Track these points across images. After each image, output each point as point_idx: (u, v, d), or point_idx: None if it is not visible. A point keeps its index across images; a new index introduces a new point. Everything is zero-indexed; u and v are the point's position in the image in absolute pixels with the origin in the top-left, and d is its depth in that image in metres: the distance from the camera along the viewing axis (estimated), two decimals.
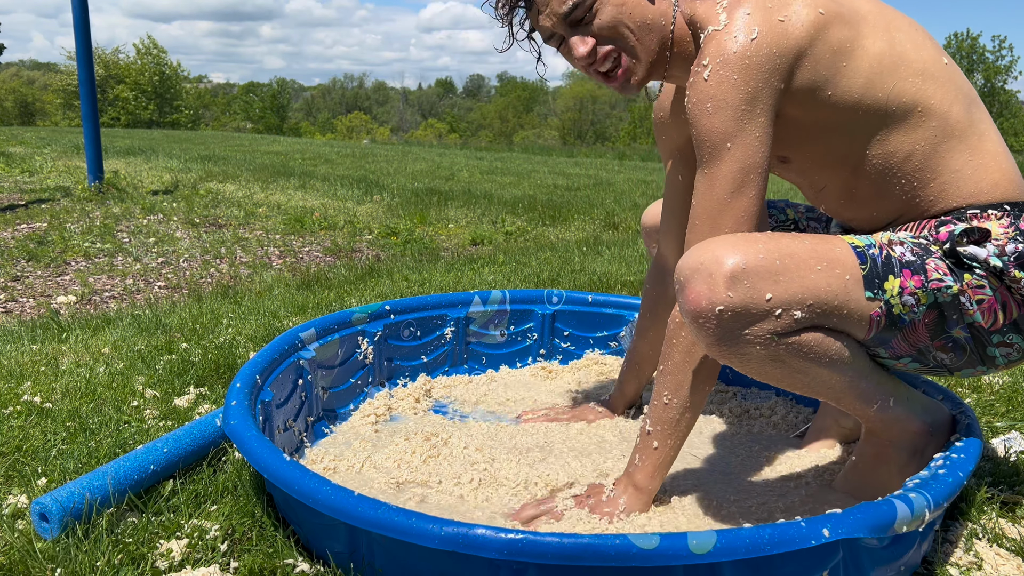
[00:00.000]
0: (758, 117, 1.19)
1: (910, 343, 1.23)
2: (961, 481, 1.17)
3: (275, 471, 1.17)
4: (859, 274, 1.18)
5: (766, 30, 1.18)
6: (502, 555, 0.98)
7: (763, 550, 0.98)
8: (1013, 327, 1.22)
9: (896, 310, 1.19)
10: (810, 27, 1.19)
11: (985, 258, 1.19)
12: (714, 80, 1.19)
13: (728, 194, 1.21)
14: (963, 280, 1.20)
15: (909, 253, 1.21)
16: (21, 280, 3.39)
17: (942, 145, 1.25)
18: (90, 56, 5.52)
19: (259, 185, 6.95)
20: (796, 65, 1.20)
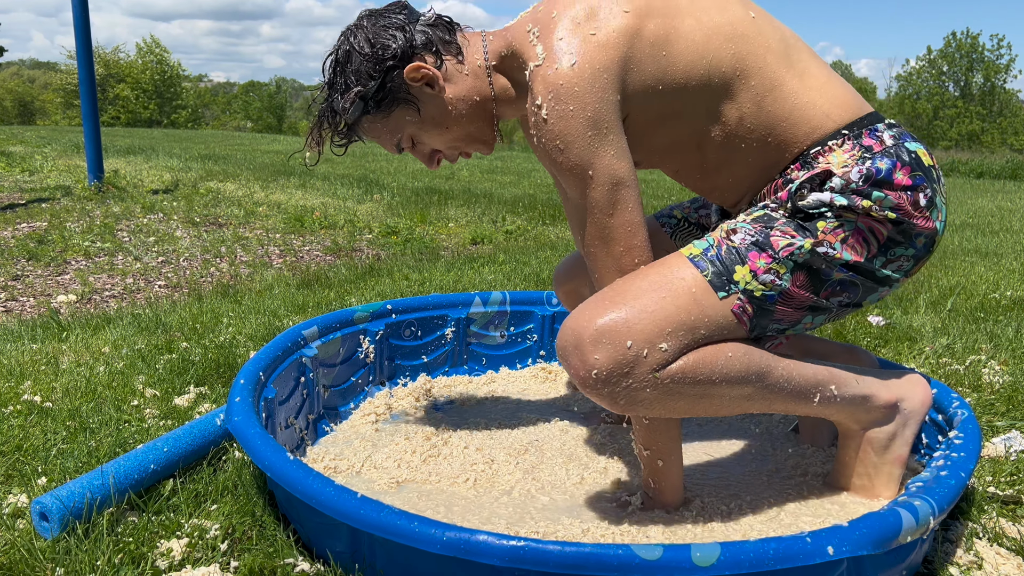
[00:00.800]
0: (607, 135, 1.20)
1: (795, 308, 1.24)
2: (964, 482, 1.17)
3: (278, 470, 1.17)
4: (703, 282, 1.20)
5: (583, 51, 1.19)
6: (504, 562, 0.98)
7: (767, 565, 0.98)
8: (891, 244, 1.24)
9: (759, 292, 1.21)
10: (623, 32, 1.21)
11: (830, 201, 1.21)
12: (553, 117, 1.20)
13: (608, 216, 1.22)
14: (817, 230, 1.22)
15: (749, 234, 1.23)
16: (21, 279, 3.39)
17: (767, 98, 1.26)
18: (90, 55, 5.52)
19: (259, 184, 6.94)
20: (624, 72, 1.21)
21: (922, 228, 1.25)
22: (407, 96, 1.35)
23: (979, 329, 2.58)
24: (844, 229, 1.22)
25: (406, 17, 1.36)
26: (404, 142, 1.42)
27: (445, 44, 1.36)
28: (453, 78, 1.36)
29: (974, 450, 1.27)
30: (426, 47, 1.34)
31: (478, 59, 1.37)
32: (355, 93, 1.33)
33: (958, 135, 36.91)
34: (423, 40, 1.34)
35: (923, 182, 1.24)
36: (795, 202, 1.23)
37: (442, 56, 1.35)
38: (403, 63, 1.33)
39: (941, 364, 2.23)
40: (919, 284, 3.32)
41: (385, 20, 1.35)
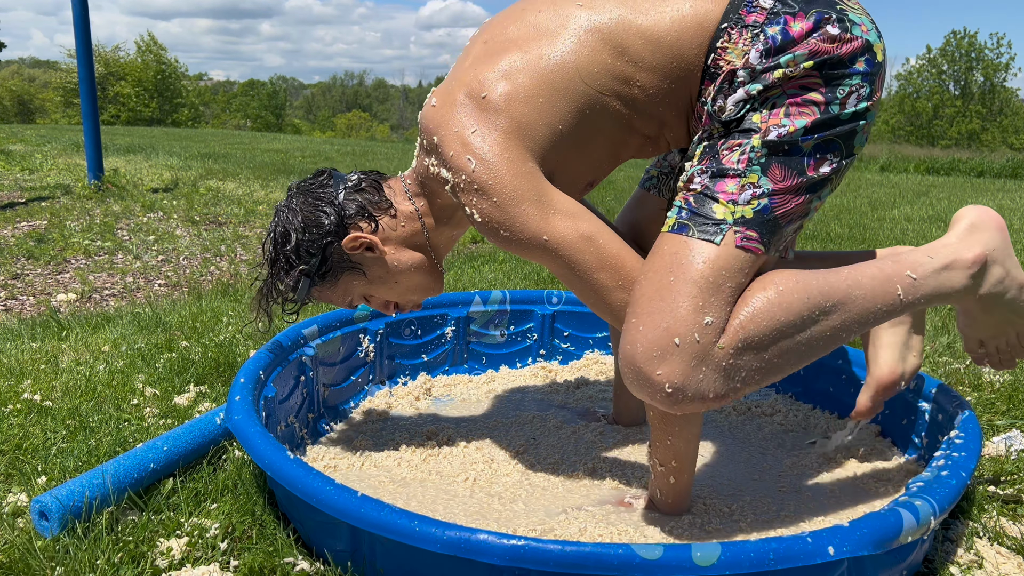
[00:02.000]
0: (541, 200, 1.21)
1: (793, 199, 1.18)
2: (964, 482, 1.17)
3: (278, 468, 1.17)
4: (695, 242, 1.16)
5: (472, 151, 1.21)
6: (504, 561, 0.98)
7: (767, 565, 0.97)
8: (831, 85, 1.17)
9: (749, 213, 1.16)
10: (495, 113, 1.22)
11: (745, 95, 1.18)
12: (483, 215, 1.22)
13: (588, 264, 1.21)
14: (756, 125, 1.17)
15: (703, 173, 1.20)
16: (21, 278, 3.39)
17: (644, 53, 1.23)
18: (90, 54, 5.51)
19: (259, 183, 6.94)
20: (521, 140, 1.22)
21: (849, 51, 1.17)
22: (350, 264, 1.42)
23: None
24: (778, 105, 1.17)
25: (333, 188, 1.42)
26: (356, 301, 1.49)
27: (375, 205, 1.41)
28: (391, 236, 1.42)
29: (975, 450, 1.27)
30: (359, 214, 1.40)
31: (407, 206, 1.43)
32: (299, 271, 1.40)
33: (958, 134, 36.90)
34: (355, 208, 1.40)
35: (822, 16, 1.17)
36: (719, 119, 1.20)
37: (375, 218, 1.41)
38: (339, 236, 1.39)
39: (941, 363, 2.23)
40: None
41: (314, 195, 1.41)
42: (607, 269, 1.21)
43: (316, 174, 1.47)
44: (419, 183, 1.42)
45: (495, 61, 1.25)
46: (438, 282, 1.51)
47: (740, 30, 1.20)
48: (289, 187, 1.46)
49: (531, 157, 1.23)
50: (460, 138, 1.23)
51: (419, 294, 1.51)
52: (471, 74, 1.26)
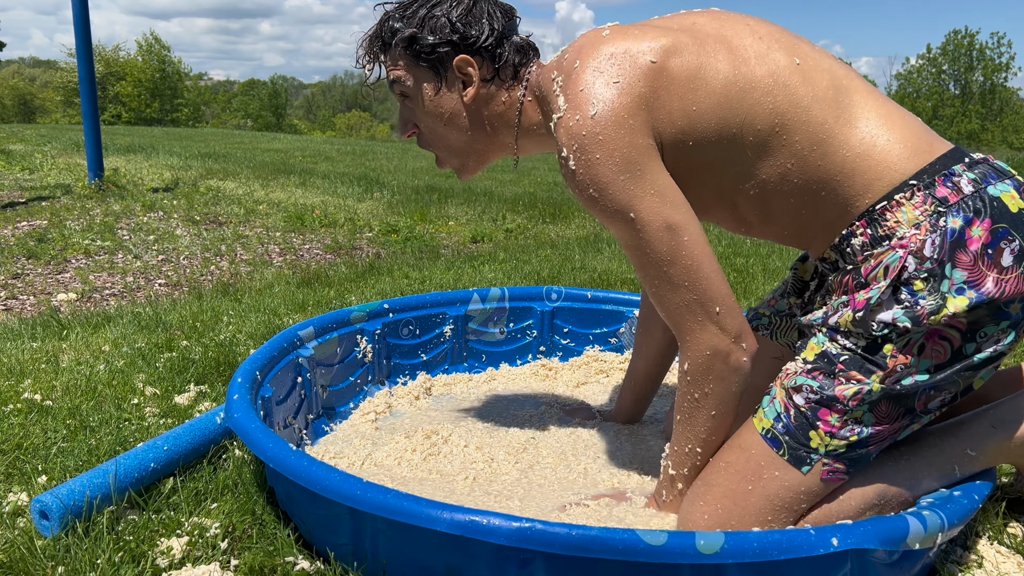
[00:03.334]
0: (643, 175, 1.15)
1: (891, 433, 1.17)
2: (976, 504, 1.15)
3: (281, 460, 1.17)
4: (783, 464, 1.17)
5: (604, 99, 1.16)
6: (511, 541, 0.98)
7: (771, 555, 0.98)
8: (975, 328, 1.12)
9: (842, 448, 1.15)
10: (646, 80, 1.17)
11: (892, 321, 1.11)
12: (581, 167, 1.17)
13: (661, 254, 1.16)
14: (885, 359, 1.12)
15: (812, 392, 1.16)
16: (21, 277, 3.39)
17: (814, 153, 1.17)
18: (90, 53, 5.51)
19: (259, 182, 6.94)
20: (651, 118, 1.17)
21: (1010, 294, 1.09)
22: (440, 74, 1.34)
23: None
24: (915, 343, 1.12)
25: (505, 24, 1.35)
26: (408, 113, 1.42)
27: (507, 69, 1.34)
28: (485, 97, 1.35)
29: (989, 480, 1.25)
30: (493, 58, 1.33)
31: (516, 94, 1.36)
32: (410, 32, 1.32)
33: (957, 134, 36.89)
34: (496, 53, 1.33)
35: (1006, 235, 1.10)
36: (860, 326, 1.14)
37: (498, 75, 1.34)
38: (465, 51, 1.32)
39: None
40: None
41: (492, 7, 1.35)
42: (679, 266, 1.16)
43: (509, 8, 1.39)
44: (539, 84, 1.33)
45: (683, 39, 1.20)
46: (472, 167, 1.45)
47: (926, 197, 1.13)
48: None
49: (654, 133, 1.17)
50: (598, 80, 1.17)
51: (449, 158, 1.44)
52: (654, 34, 1.20)
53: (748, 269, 3.52)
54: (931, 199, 1.13)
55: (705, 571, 1.01)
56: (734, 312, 1.18)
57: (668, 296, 1.18)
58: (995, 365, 1.16)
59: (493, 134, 1.39)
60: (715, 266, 1.18)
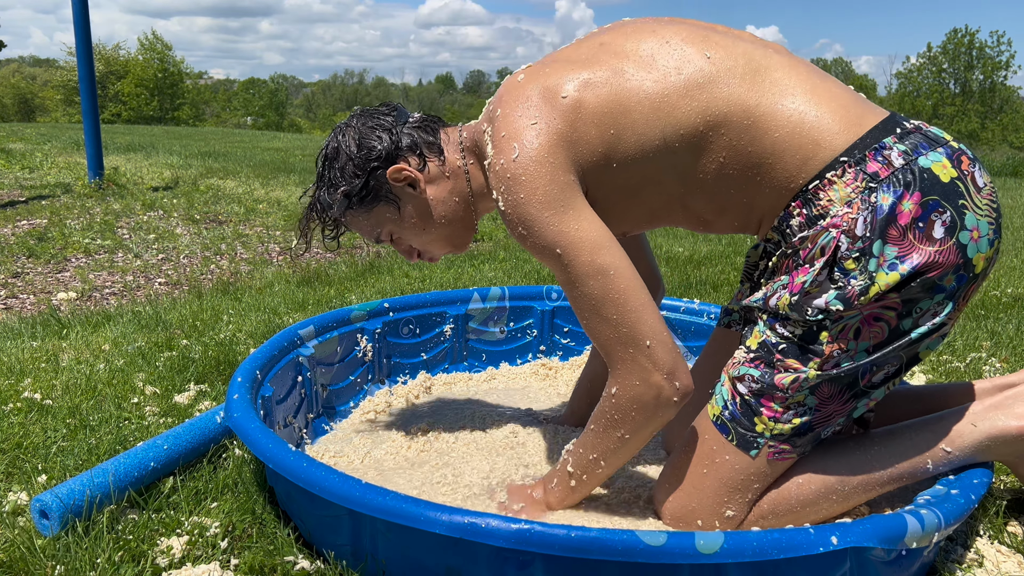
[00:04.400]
0: (567, 212, 1.18)
1: (839, 412, 1.20)
2: (972, 504, 1.15)
3: (280, 460, 1.17)
4: (731, 448, 1.23)
5: (524, 140, 1.20)
6: (510, 543, 0.98)
7: (770, 554, 0.98)
8: (910, 305, 1.13)
9: (788, 430, 1.19)
10: (562, 117, 1.20)
11: (825, 307, 1.13)
12: (509, 207, 1.21)
13: (590, 290, 1.18)
14: (821, 345, 1.15)
15: (753, 381, 1.20)
16: (21, 276, 3.39)
17: (743, 140, 1.19)
18: (90, 52, 5.51)
19: (259, 181, 6.94)
20: (573, 152, 1.21)
21: (942, 268, 1.11)
22: (389, 195, 1.40)
23: (980, 326, 2.57)
24: (852, 326, 1.14)
25: (394, 119, 1.42)
26: (383, 236, 1.46)
27: (429, 146, 1.40)
28: (435, 180, 1.40)
29: (986, 480, 1.24)
30: (411, 149, 1.39)
31: (457, 159, 1.41)
32: (341, 192, 1.39)
33: (957, 132, 36.89)
34: (408, 142, 1.39)
35: (936, 207, 1.11)
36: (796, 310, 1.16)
37: (425, 158, 1.39)
38: (387, 164, 1.38)
39: (942, 361, 2.23)
40: None
41: (373, 121, 1.41)
42: (608, 302, 1.17)
43: (382, 104, 1.47)
44: (473, 143, 1.39)
45: (593, 67, 1.23)
46: (465, 241, 1.49)
47: (858, 174, 1.14)
48: (353, 109, 1.46)
49: (576, 168, 1.21)
50: (517, 124, 1.21)
51: (444, 247, 1.48)
52: (565, 69, 1.24)
53: None
54: (862, 175, 1.14)
55: (705, 571, 1.01)
56: (666, 347, 1.18)
57: (599, 329, 1.20)
58: (939, 335, 1.18)
59: (463, 204, 1.43)
60: (645, 300, 1.19)
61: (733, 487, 1.23)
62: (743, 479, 1.23)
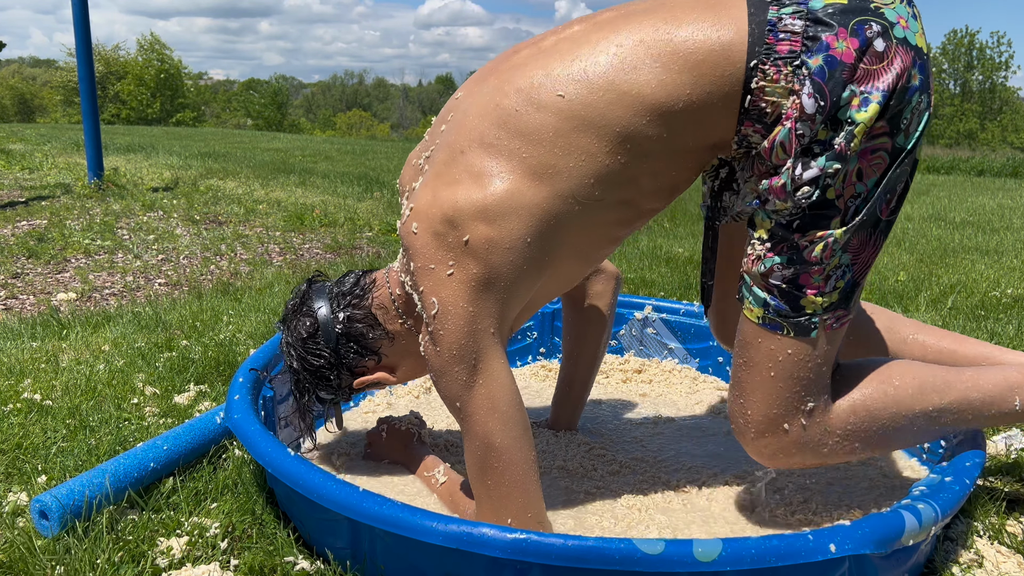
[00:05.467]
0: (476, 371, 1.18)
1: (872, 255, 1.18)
2: (968, 488, 1.16)
3: (279, 465, 1.17)
4: (789, 340, 1.18)
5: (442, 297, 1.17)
6: (506, 554, 0.98)
7: (768, 561, 0.97)
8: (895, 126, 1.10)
9: (836, 296, 1.16)
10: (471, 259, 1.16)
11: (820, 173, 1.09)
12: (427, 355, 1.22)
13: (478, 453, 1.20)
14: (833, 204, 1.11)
15: (783, 268, 1.15)
16: (21, 277, 3.39)
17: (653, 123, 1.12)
18: (90, 53, 5.51)
19: (259, 182, 6.94)
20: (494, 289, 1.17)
21: (903, 72, 1.08)
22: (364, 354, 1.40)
23: (980, 327, 2.57)
24: (851, 171, 1.10)
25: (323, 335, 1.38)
26: None
27: (372, 343, 1.39)
28: (397, 357, 1.42)
29: (979, 460, 1.25)
30: (359, 355, 1.39)
31: (399, 327, 1.39)
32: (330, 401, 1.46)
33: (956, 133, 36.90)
34: (353, 354, 1.39)
35: (863, 27, 1.07)
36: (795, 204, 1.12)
37: (377, 352, 1.40)
38: (351, 378, 1.42)
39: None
40: (919, 282, 3.31)
41: (311, 354, 1.40)
42: (489, 472, 1.19)
43: (294, 309, 1.43)
44: (402, 296, 1.37)
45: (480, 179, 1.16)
46: None
47: (775, 64, 1.09)
48: (277, 326, 1.47)
49: (497, 307, 1.18)
50: (433, 277, 1.18)
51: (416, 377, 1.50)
52: (452, 193, 1.17)
53: None
54: (779, 61, 1.09)
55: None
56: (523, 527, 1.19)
57: (475, 485, 1.23)
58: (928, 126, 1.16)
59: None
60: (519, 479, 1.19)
61: (805, 377, 1.19)
62: (812, 364, 1.19)
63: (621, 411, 1.88)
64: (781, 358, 1.19)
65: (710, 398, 1.97)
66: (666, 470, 1.55)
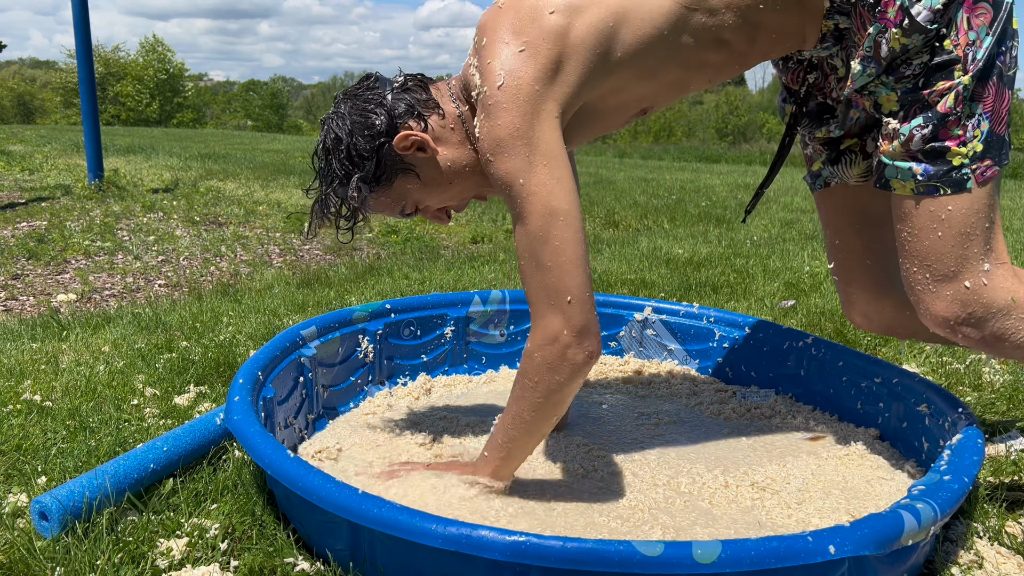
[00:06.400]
0: (539, 147, 1.19)
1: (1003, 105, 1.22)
2: (967, 487, 1.16)
3: (278, 467, 1.17)
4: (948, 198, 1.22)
5: (509, 68, 1.20)
6: (505, 556, 0.98)
7: (767, 563, 0.97)
8: None
9: (979, 144, 1.20)
10: (551, 42, 1.20)
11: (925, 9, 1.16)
12: (483, 131, 1.22)
13: (536, 230, 1.20)
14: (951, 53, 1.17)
15: (920, 128, 1.21)
16: (21, 278, 3.39)
17: None
18: (90, 54, 5.51)
19: (259, 183, 6.94)
20: (560, 74, 1.21)
21: None
22: (403, 165, 1.36)
23: None
24: (957, 18, 1.17)
25: (381, 90, 1.38)
26: (409, 208, 1.43)
27: (424, 104, 1.37)
28: (441, 136, 1.37)
29: (978, 458, 1.26)
30: (409, 113, 1.36)
31: (453, 108, 1.38)
32: (356, 179, 1.34)
33: None
34: (404, 108, 1.36)
35: None
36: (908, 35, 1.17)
37: (424, 117, 1.36)
38: (391, 136, 1.34)
39: (942, 363, 2.23)
40: None
41: (361, 99, 1.37)
42: (549, 246, 1.20)
43: (362, 79, 1.42)
44: (462, 86, 1.37)
45: None
46: (488, 183, 1.43)
47: None
48: (335, 96, 1.42)
49: (561, 93, 1.21)
50: (503, 50, 1.21)
51: (472, 194, 1.45)
52: None
53: (748, 270, 3.52)
54: None
55: None
56: (585, 308, 1.21)
57: (531, 274, 1.22)
58: None
59: (473, 150, 1.40)
60: (581, 255, 1.21)
61: (972, 232, 1.23)
62: (975, 219, 1.23)
63: (621, 412, 1.88)
64: (944, 216, 1.23)
65: (710, 399, 1.97)
66: (666, 471, 1.55)
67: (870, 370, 1.76)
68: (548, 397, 1.26)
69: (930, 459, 1.54)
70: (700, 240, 4.50)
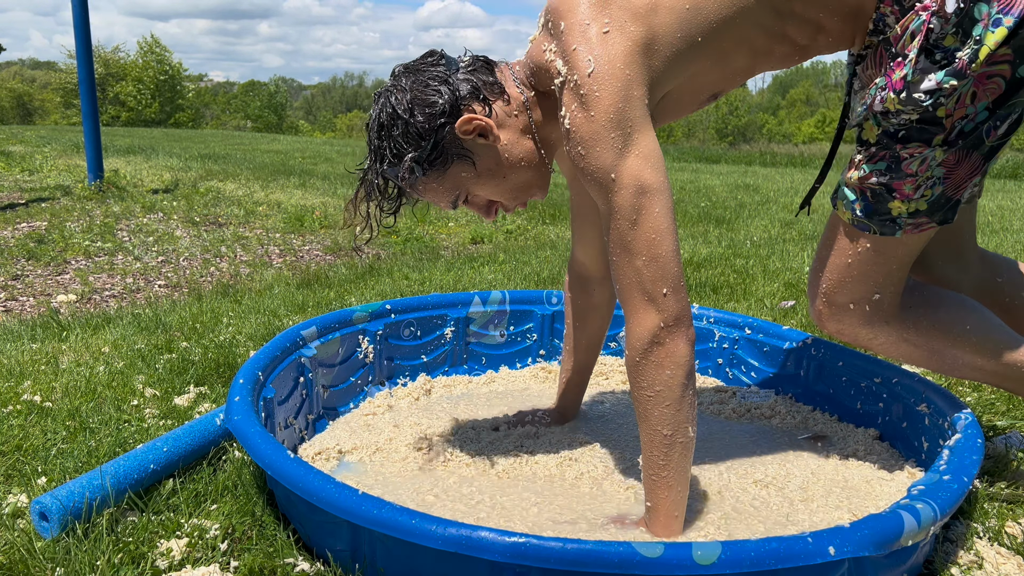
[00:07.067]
0: (632, 136, 1.16)
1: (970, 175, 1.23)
2: (966, 487, 1.17)
3: (279, 468, 1.17)
4: (876, 239, 1.28)
5: (599, 54, 1.15)
6: (505, 558, 0.98)
7: (767, 564, 0.97)
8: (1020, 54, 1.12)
9: (923, 205, 1.23)
10: (636, 20, 1.17)
11: (937, 86, 1.14)
12: (575, 123, 1.17)
13: (630, 225, 1.16)
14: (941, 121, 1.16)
15: (881, 173, 1.23)
16: (21, 279, 3.39)
17: None
18: (90, 54, 5.51)
19: (259, 184, 6.94)
20: (649, 56, 1.18)
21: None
22: (462, 151, 1.29)
23: None
24: (965, 93, 1.14)
25: (445, 68, 1.30)
26: (461, 199, 1.36)
27: (490, 87, 1.29)
28: (504, 122, 1.31)
29: (977, 457, 1.26)
30: (473, 95, 1.28)
31: (518, 94, 1.32)
32: (410, 159, 1.27)
33: None
34: (468, 89, 1.28)
35: None
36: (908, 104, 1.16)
37: (490, 102, 1.29)
38: (452, 117, 1.27)
39: None
40: None
41: (425, 75, 1.29)
42: (641, 232, 1.16)
43: (425, 55, 1.33)
44: (529, 72, 1.30)
45: None
46: (545, 181, 1.39)
47: None
48: (393, 69, 1.32)
49: (649, 77, 1.18)
50: (588, 33, 1.16)
51: (526, 193, 1.38)
52: None
53: (748, 270, 3.52)
54: None
55: None
56: (679, 296, 1.19)
57: (624, 265, 1.19)
58: None
59: (535, 143, 1.35)
60: (675, 248, 1.19)
61: (880, 272, 1.31)
62: (888, 262, 1.30)
63: (622, 412, 1.88)
64: (861, 251, 1.30)
65: (710, 399, 1.97)
66: None
67: (870, 370, 1.76)
68: (671, 399, 1.20)
69: (930, 459, 1.54)
70: (700, 240, 4.51)
